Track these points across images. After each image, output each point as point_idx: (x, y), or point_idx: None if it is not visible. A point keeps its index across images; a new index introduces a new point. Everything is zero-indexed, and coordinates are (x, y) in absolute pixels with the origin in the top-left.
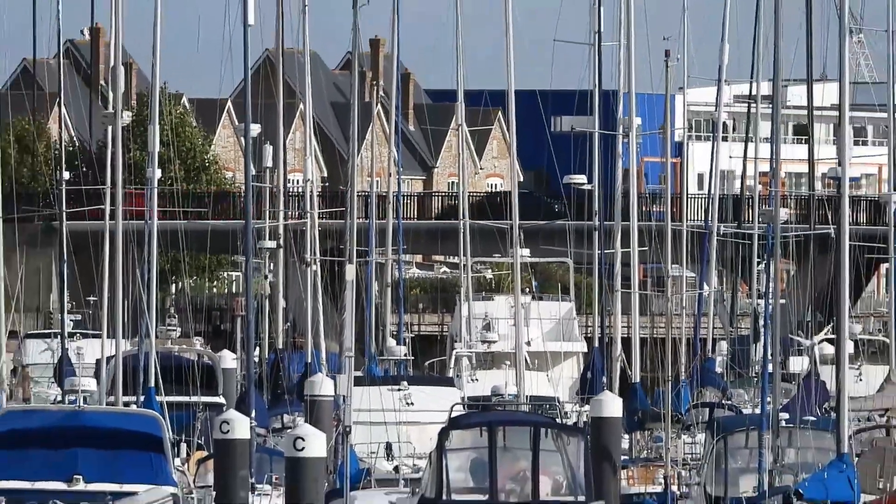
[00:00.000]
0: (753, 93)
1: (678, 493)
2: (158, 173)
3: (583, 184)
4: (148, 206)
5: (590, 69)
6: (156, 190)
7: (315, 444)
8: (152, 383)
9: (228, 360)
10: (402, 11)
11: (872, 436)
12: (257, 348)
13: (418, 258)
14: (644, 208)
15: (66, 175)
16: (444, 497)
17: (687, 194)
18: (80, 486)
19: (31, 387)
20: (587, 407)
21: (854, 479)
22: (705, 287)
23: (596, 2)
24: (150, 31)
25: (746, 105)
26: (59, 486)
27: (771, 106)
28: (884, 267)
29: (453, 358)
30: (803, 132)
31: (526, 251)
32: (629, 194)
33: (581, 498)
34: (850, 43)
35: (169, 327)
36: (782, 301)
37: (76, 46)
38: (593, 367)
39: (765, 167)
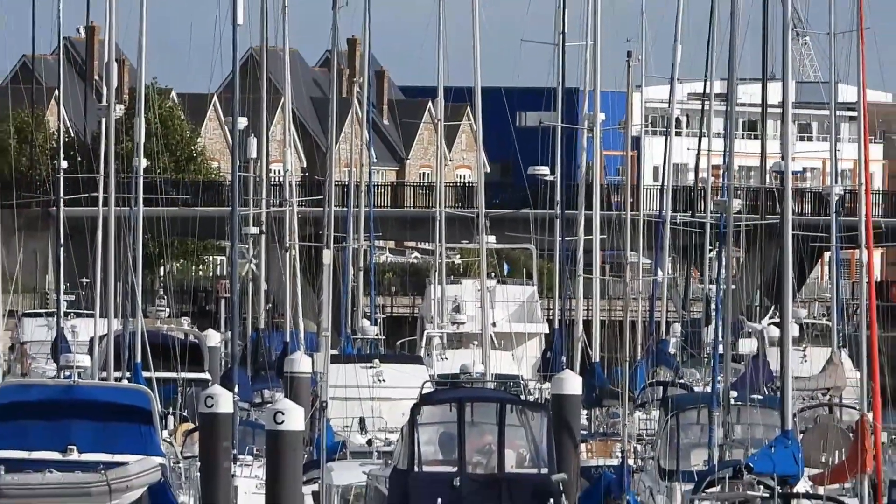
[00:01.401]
0: (707, 91)
1: (634, 466)
2: (145, 163)
3: (546, 175)
4: (134, 195)
5: (555, 68)
6: (142, 178)
7: (294, 417)
8: (139, 359)
9: (213, 338)
10: (382, 12)
11: (816, 413)
12: (240, 328)
13: (391, 244)
14: (604, 199)
15: (64, 164)
16: (416, 468)
17: (643, 186)
18: (74, 455)
19: (29, 362)
20: (549, 384)
21: (798, 453)
22: (660, 273)
23: (561, 4)
24: (141, 29)
25: (700, 102)
26: (55, 455)
27: (723, 103)
28: (827, 255)
29: (424, 338)
30: (753, 128)
31: (492, 238)
32: (591, 185)
33: (544, 470)
34: (796, 45)
35: (158, 308)
36: (733, 287)
37: (73, 43)
38: (554, 347)
39: (717, 160)
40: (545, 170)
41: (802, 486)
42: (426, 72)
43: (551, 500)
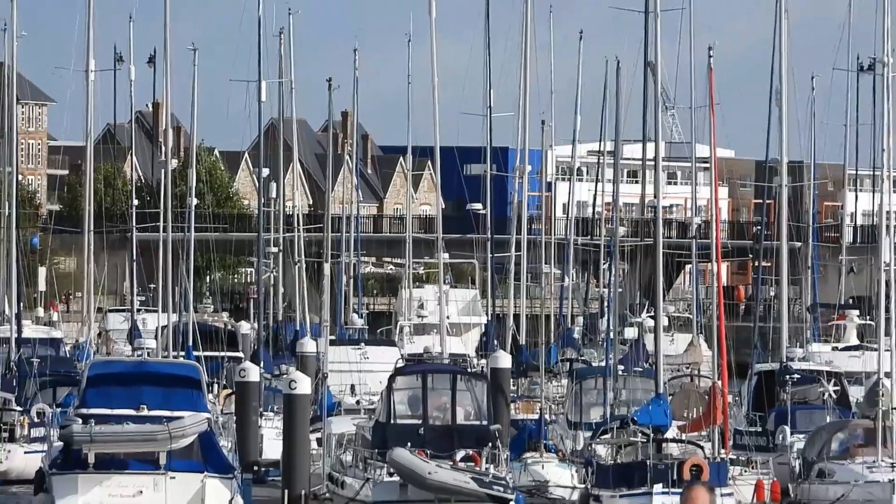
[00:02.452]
0: (600, 148)
1: (549, 419)
2: (196, 201)
3: (479, 209)
4: (187, 224)
5: (486, 133)
6: (193, 212)
7: (303, 385)
8: (191, 343)
9: (245, 328)
10: (366, 91)
11: (681, 381)
12: (264, 320)
13: (373, 259)
14: (527, 226)
15: (136, 202)
16: (391, 421)
17: (555, 217)
18: (145, 412)
19: (112, 345)
20: (486, 361)
21: (668, 410)
22: (567, 280)
23: (488, 84)
24: (192, 105)
25: (596, 156)
26: (130, 412)
27: (612, 157)
28: (688, 267)
29: (397, 327)
30: (634, 175)
31: (446, 255)
32: (520, 217)
33: (484, 422)
34: (665, 115)
35: (205, 305)
36: (619, 290)
37: (143, 115)
38: (490, 333)
39: (608, 199)
40: (479, 206)
41: (671, 433)
42: (399, 135)
43: (490, 444)
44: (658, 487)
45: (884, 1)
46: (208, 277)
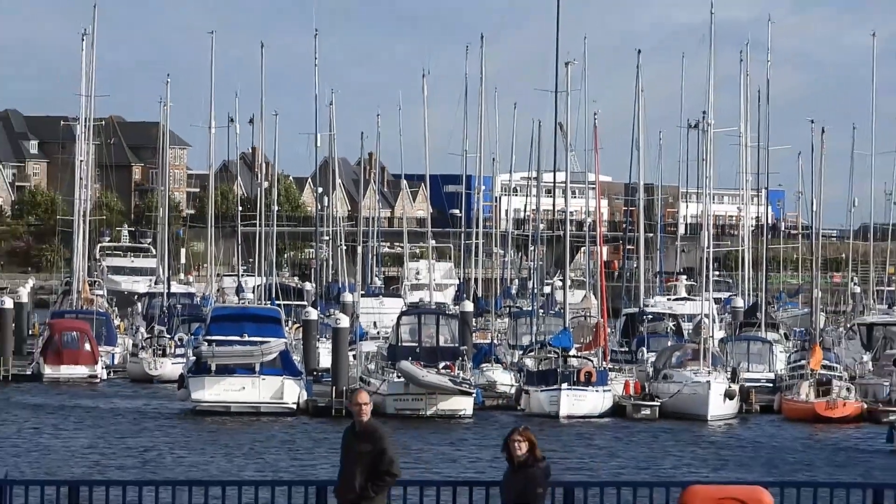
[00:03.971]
0: (529, 175)
1: (496, 343)
2: (277, 208)
3: (456, 213)
4: (273, 223)
5: (462, 166)
6: (275, 214)
7: (343, 321)
8: (274, 296)
9: (308, 286)
10: (385, 137)
11: (578, 320)
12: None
13: (387, 244)
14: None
15: (240, 209)
16: (399, 344)
17: (499, 218)
18: (246, 338)
19: (225, 297)
20: (458, 306)
21: (570, 338)
22: (507, 257)
23: (464, 130)
24: (275, 148)
25: (526, 181)
26: (237, 338)
27: (535, 181)
28: (582, 249)
29: (402, 286)
30: (550, 192)
31: (433, 241)
32: (479, 218)
33: (456, 345)
34: (568, 155)
35: (283, 272)
36: (540, 263)
37: (245, 155)
38: (460, 290)
39: (532, 206)
40: (455, 211)
41: (572, 352)
42: (406, 167)
43: (460, 358)
44: (564, 385)
45: (709, 84)
46: (285, 255)
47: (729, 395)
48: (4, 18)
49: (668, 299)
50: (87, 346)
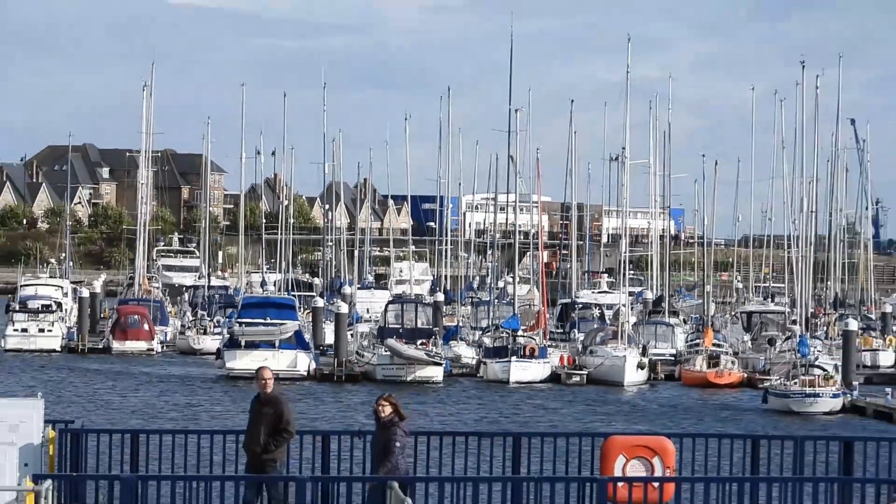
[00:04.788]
0: (487, 196)
1: (461, 325)
2: (292, 220)
3: (431, 225)
4: (290, 235)
5: (437, 188)
6: (292, 226)
7: (343, 308)
8: (290, 288)
9: (317, 281)
10: (376, 163)
11: (525, 308)
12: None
13: (377, 248)
14: (453, 233)
15: (264, 220)
16: (386, 326)
17: (464, 229)
18: (268, 321)
19: (252, 289)
20: (433, 297)
21: (518, 321)
22: (470, 258)
23: (438, 161)
24: (290, 176)
25: (485, 200)
26: (261, 321)
27: (493, 202)
28: (528, 253)
29: (390, 281)
30: (503, 209)
31: (413, 247)
32: (448, 229)
33: (431, 327)
34: (518, 180)
35: (297, 270)
36: (496, 264)
37: (269, 180)
38: (434, 284)
39: (491, 220)
40: (431, 223)
41: (520, 332)
42: (392, 189)
43: (433, 338)
44: (514, 358)
45: (626, 127)
46: (298, 257)
47: (640, 366)
48: (83, 69)
49: (594, 292)
50: (146, 326)
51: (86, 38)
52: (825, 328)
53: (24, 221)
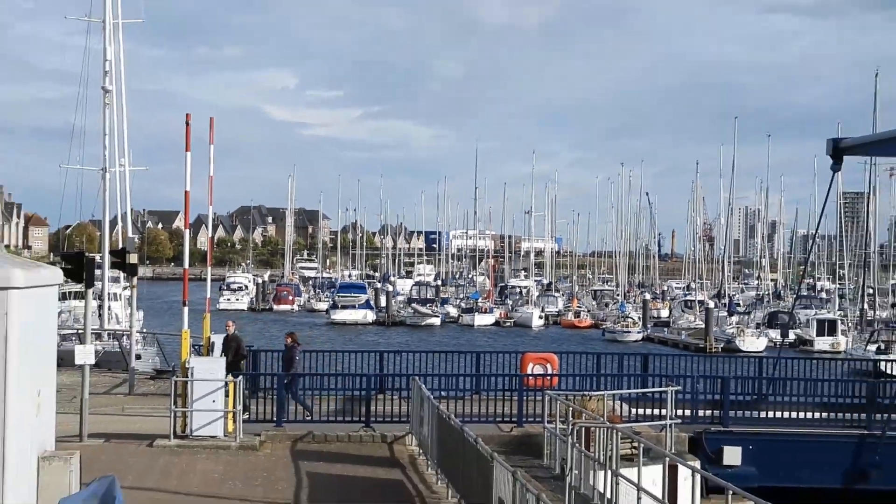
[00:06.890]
0: (466, 231)
1: (450, 297)
2: (365, 243)
3: (436, 247)
4: (359, 251)
5: (437, 227)
6: (362, 246)
7: (390, 288)
8: (362, 278)
9: (376, 274)
10: (406, 218)
11: (482, 288)
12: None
13: (407, 258)
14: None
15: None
16: (411, 297)
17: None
18: (352, 293)
19: (343, 278)
20: (435, 283)
21: (478, 295)
22: (455, 264)
23: (437, 213)
24: (365, 221)
25: (464, 232)
26: (348, 294)
27: (466, 234)
28: (482, 261)
29: (414, 275)
30: (472, 238)
31: (425, 258)
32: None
33: (435, 298)
34: (479, 223)
35: (367, 269)
36: (468, 265)
37: (353, 224)
38: (436, 277)
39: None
40: (435, 245)
41: (480, 301)
42: (414, 227)
43: (435, 303)
44: (476, 314)
45: (531, 202)
46: (366, 262)
47: (540, 317)
48: (257, 168)
49: (517, 280)
50: (290, 297)
51: (258, 153)
52: (633, 298)
53: (228, 244)
